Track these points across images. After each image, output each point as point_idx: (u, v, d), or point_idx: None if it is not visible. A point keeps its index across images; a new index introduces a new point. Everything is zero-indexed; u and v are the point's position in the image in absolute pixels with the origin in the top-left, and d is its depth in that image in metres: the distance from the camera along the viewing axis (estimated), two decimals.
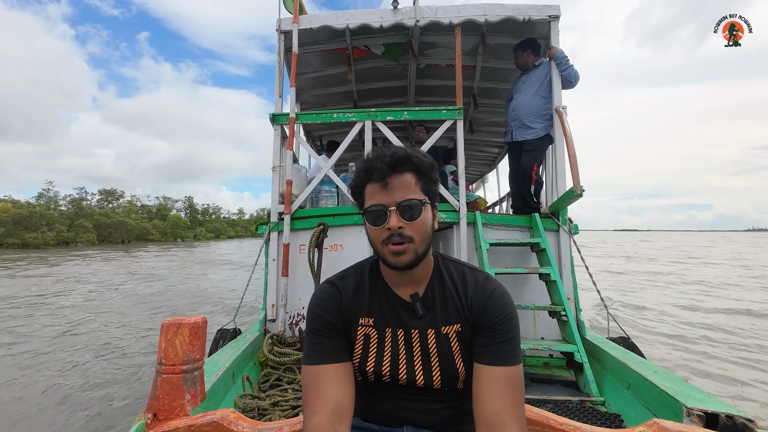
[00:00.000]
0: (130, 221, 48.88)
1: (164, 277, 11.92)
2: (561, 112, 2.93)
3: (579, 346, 2.33)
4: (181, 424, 1.08)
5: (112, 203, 57.48)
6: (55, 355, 4.39)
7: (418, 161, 0.80)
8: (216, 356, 2.09)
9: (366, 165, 0.81)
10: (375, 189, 0.80)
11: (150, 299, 8.02)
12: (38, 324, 5.81)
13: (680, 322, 6.01)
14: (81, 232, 40.59)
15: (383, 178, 0.78)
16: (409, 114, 3.14)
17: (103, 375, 3.75)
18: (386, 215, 0.78)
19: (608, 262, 17.61)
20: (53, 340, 4.99)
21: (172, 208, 68.51)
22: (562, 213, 2.92)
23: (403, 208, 0.78)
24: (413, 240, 0.78)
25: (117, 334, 5.29)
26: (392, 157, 0.78)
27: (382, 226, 0.79)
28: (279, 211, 2.99)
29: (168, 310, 6.97)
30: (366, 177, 0.81)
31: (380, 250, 0.81)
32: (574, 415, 1.92)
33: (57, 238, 36.92)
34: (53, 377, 3.71)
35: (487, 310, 0.81)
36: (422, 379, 0.84)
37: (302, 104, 4.82)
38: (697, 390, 1.58)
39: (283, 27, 3.20)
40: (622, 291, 9.07)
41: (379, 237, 0.80)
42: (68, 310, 6.80)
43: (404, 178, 0.79)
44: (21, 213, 35.81)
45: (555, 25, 3.09)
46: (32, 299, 7.88)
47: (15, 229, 34.33)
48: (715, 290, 9.24)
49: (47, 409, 3.04)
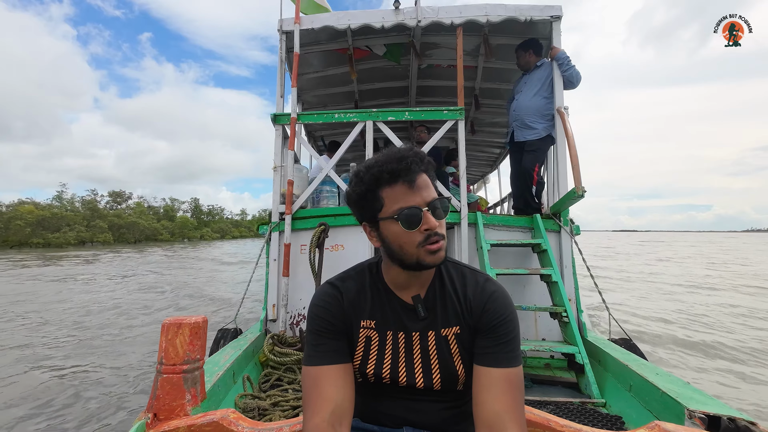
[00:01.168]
0: (142, 222, 50.97)
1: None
2: (563, 112, 2.92)
3: (580, 347, 2.32)
4: (182, 423, 1.09)
5: (120, 204, 59.30)
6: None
7: (429, 161, 0.80)
8: (217, 356, 2.09)
9: (387, 167, 0.76)
10: (402, 191, 0.77)
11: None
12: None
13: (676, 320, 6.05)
14: (98, 232, 43.44)
15: (412, 180, 0.76)
16: (411, 114, 3.14)
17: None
18: (421, 217, 0.76)
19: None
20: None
21: (179, 209, 70.87)
22: (564, 214, 2.91)
23: (434, 207, 0.77)
24: (444, 236, 0.80)
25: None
26: (416, 158, 0.77)
27: (416, 229, 0.76)
28: (280, 211, 2.99)
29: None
30: (389, 179, 0.77)
31: (413, 253, 0.78)
32: (575, 416, 1.91)
33: (77, 237, 39.86)
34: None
35: (487, 312, 0.81)
36: (422, 381, 0.84)
37: (304, 104, 4.83)
38: (700, 392, 1.58)
39: (284, 27, 3.21)
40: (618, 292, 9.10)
41: (413, 240, 0.77)
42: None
43: (425, 178, 0.79)
44: (44, 214, 38.65)
45: (557, 26, 3.08)
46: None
47: (37, 230, 36.80)
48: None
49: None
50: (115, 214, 49.81)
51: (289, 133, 3.11)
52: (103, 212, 48.72)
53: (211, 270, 13.89)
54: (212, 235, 67.56)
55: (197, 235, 63.50)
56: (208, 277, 11.77)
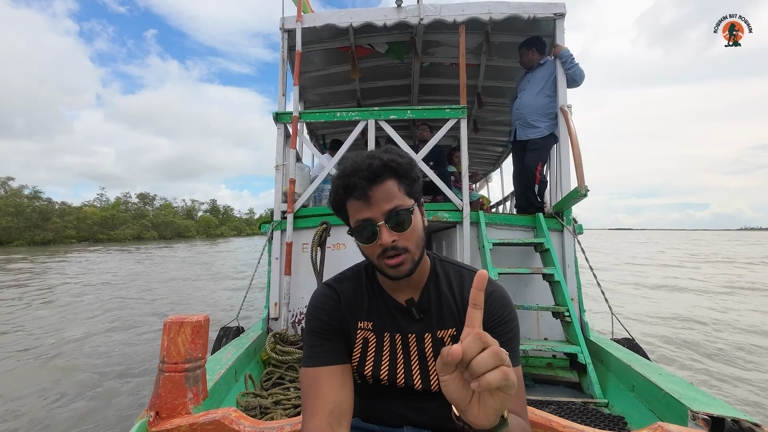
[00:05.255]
0: (176, 221, 61.00)
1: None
2: (566, 111, 2.90)
3: (582, 347, 2.31)
4: (183, 422, 1.09)
5: (147, 205, 66.78)
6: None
7: (397, 165, 0.75)
8: (219, 354, 2.09)
9: (343, 182, 0.75)
10: (358, 205, 0.75)
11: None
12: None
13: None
14: (144, 230, 52.25)
15: (364, 193, 0.74)
16: (413, 113, 3.13)
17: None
18: (376, 231, 0.74)
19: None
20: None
21: (199, 209, 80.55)
22: (567, 213, 2.89)
23: (392, 220, 0.74)
24: (408, 249, 0.76)
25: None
26: (369, 170, 0.73)
27: (374, 243, 0.75)
28: (282, 210, 2.99)
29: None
30: (345, 194, 0.76)
31: (377, 264, 0.79)
32: (577, 416, 1.90)
33: (131, 234, 49.14)
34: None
35: (486, 312, 0.80)
36: (420, 383, 0.83)
37: (306, 103, 4.82)
38: (703, 393, 1.56)
39: (286, 26, 3.20)
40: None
41: (373, 253, 0.77)
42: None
43: (385, 187, 0.74)
44: (105, 215, 48.66)
45: (560, 23, 3.05)
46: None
47: (99, 228, 45.88)
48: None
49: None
50: (155, 215, 58.90)
51: (291, 132, 3.11)
52: (146, 213, 58.06)
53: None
54: (230, 233, 74.81)
55: (218, 233, 70.91)
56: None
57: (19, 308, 6.84)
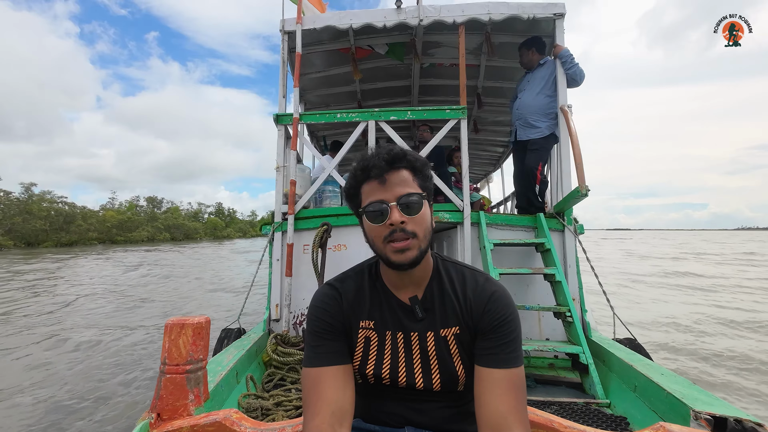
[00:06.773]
0: (186, 223, 63.21)
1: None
2: (566, 111, 2.90)
3: (584, 347, 2.30)
4: (185, 423, 1.09)
5: (156, 209, 68.65)
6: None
7: (414, 159, 0.81)
8: (220, 356, 2.10)
9: (362, 164, 0.81)
10: (373, 187, 0.79)
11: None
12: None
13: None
14: (157, 232, 54.50)
15: (381, 174, 0.78)
16: (413, 114, 3.13)
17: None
18: (387, 211, 0.77)
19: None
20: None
21: (205, 212, 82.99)
22: (567, 213, 2.89)
23: (404, 203, 0.77)
24: (416, 235, 0.78)
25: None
26: (389, 154, 0.79)
27: (383, 223, 0.77)
28: (283, 212, 3.00)
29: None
30: (363, 176, 0.81)
31: (382, 250, 0.79)
32: (579, 417, 1.90)
33: (146, 236, 51.11)
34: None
35: (488, 313, 0.81)
36: (422, 382, 0.83)
37: (306, 104, 4.83)
38: (706, 393, 1.56)
39: (286, 27, 3.21)
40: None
41: (380, 235, 0.78)
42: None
43: (401, 175, 0.79)
44: (122, 218, 50.62)
45: (560, 23, 3.06)
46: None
47: (117, 231, 48.29)
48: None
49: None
50: (165, 218, 61.14)
51: (292, 133, 3.11)
52: (156, 215, 60.41)
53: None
54: (235, 234, 76.63)
55: (225, 234, 72.73)
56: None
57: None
